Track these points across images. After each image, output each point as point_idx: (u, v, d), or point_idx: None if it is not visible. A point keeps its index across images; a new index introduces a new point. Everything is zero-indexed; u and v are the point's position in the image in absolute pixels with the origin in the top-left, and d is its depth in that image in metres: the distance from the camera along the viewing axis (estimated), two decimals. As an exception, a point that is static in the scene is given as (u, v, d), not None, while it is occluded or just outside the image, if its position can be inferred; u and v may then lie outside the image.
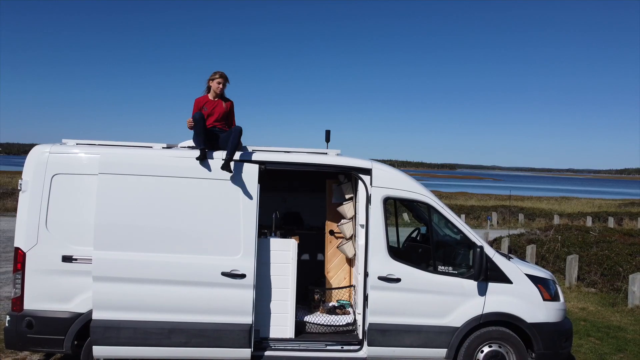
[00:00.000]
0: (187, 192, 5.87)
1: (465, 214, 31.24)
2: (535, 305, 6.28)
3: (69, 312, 5.83)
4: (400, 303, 6.09)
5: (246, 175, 5.96)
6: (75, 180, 5.92)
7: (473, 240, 6.27)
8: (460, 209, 32.96)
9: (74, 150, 6.04)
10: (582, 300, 11.84)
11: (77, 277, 5.80)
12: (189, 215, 5.85)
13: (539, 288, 6.34)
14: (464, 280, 6.19)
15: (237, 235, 5.88)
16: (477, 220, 30.75)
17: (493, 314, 6.18)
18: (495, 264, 6.29)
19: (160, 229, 5.81)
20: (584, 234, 17.64)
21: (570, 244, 15.73)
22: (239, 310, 5.85)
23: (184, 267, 5.80)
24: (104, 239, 5.71)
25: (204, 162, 5.93)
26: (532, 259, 14.71)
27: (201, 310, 5.83)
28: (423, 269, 6.23)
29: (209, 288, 5.82)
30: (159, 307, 5.79)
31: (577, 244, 15.65)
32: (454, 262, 6.45)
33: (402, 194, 6.31)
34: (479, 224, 29.01)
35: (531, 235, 18.30)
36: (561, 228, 19.75)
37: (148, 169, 5.84)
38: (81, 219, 5.86)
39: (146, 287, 5.76)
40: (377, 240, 6.12)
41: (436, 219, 6.51)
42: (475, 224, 28.73)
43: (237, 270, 5.82)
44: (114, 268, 5.71)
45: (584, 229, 20.08)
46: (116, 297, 5.72)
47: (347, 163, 6.34)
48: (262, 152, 6.34)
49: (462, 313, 6.16)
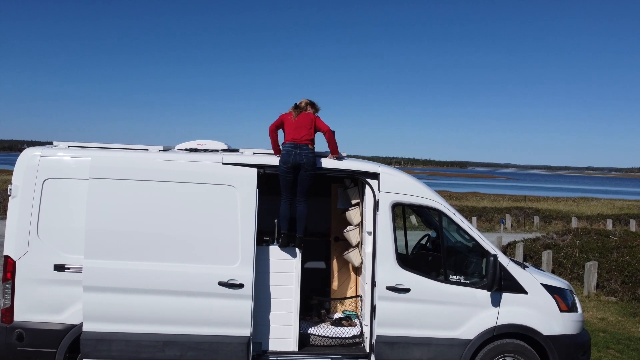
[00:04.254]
0: (182, 197, 5.93)
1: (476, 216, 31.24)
2: (552, 316, 6.36)
3: (61, 323, 5.90)
4: (410, 314, 6.17)
5: (244, 179, 6.02)
6: (67, 184, 5.99)
7: (486, 249, 6.34)
8: (472, 211, 32.96)
9: (66, 153, 6.11)
10: (601, 310, 11.89)
11: (70, 286, 5.87)
12: (184, 221, 5.92)
13: (555, 299, 6.42)
14: (476, 291, 6.26)
15: (234, 243, 5.95)
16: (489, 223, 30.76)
17: (507, 325, 6.25)
18: (510, 273, 6.36)
19: (154, 236, 5.88)
20: (603, 239, 17.62)
21: (589, 249, 15.73)
22: (237, 322, 5.92)
23: (179, 277, 5.86)
24: (95, 247, 5.77)
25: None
26: (548, 266, 14.76)
27: (197, 321, 5.90)
28: (433, 278, 6.31)
29: (205, 298, 5.88)
30: (153, 318, 5.86)
31: (596, 249, 15.66)
32: (466, 271, 6.52)
33: (412, 199, 6.38)
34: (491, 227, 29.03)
35: (547, 240, 18.31)
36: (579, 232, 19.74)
37: (141, 173, 5.90)
38: (74, 226, 5.93)
39: (139, 298, 5.82)
40: (385, 248, 6.20)
41: (447, 226, 6.59)
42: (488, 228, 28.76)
43: (234, 279, 5.89)
44: (105, 277, 5.77)
45: (604, 232, 20.07)
46: (108, 308, 5.78)
47: (353, 167, 6.41)
48: (262, 155, 6.42)
49: (475, 325, 6.23)
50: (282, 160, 6.25)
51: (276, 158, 6.33)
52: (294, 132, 6.33)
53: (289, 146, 6.27)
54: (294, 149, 6.24)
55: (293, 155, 6.21)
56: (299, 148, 6.25)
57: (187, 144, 6.65)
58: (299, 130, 6.33)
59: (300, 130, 6.33)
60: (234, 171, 6.05)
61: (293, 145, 6.26)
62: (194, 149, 6.59)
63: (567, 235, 18.58)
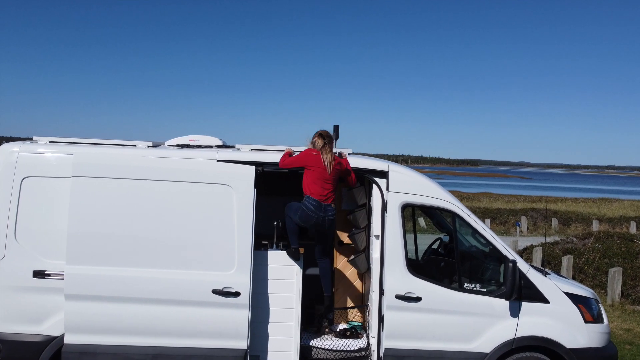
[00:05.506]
0: (173, 197, 5.89)
1: (490, 218, 31.25)
2: (576, 328, 6.31)
3: (41, 335, 5.86)
4: (421, 325, 6.13)
5: (241, 178, 5.97)
6: (48, 183, 5.95)
7: (504, 254, 6.29)
8: (484, 213, 32.96)
9: (47, 149, 6.06)
10: (626, 320, 11.85)
11: (51, 294, 5.82)
12: (175, 224, 5.88)
13: (579, 308, 6.37)
14: (493, 300, 6.21)
15: (230, 247, 5.91)
16: (503, 225, 30.77)
17: (527, 338, 6.21)
18: (530, 280, 6.31)
19: (142, 240, 5.84)
20: (627, 243, 17.60)
21: (612, 255, 15.73)
22: (233, 334, 5.88)
23: (170, 284, 5.82)
24: (78, 252, 5.74)
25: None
26: (568, 272, 14.70)
27: (189, 333, 5.87)
28: (446, 286, 6.28)
29: (198, 308, 5.85)
30: (141, 329, 5.82)
31: (620, 255, 15.65)
32: (482, 278, 6.49)
33: (423, 200, 6.32)
34: (506, 230, 29.03)
35: (567, 244, 18.29)
36: (601, 235, 19.71)
37: (128, 171, 5.86)
38: (56, 229, 5.88)
39: (126, 307, 5.79)
40: (394, 253, 6.15)
41: (462, 229, 6.54)
42: (502, 231, 28.75)
43: (230, 287, 5.85)
44: (89, 285, 5.73)
45: (628, 236, 20.04)
46: (92, 318, 5.75)
47: (359, 165, 6.37)
48: (260, 151, 6.36)
49: (492, 337, 6.19)
50: (302, 217, 6.20)
51: (277, 155, 6.25)
52: (321, 187, 6.18)
53: (313, 204, 6.16)
54: (318, 211, 6.18)
55: (316, 217, 6.19)
56: (323, 210, 6.20)
57: (179, 140, 6.63)
58: (326, 185, 6.20)
59: (327, 184, 6.21)
60: (230, 169, 6.00)
61: (317, 205, 6.17)
62: (185, 145, 6.56)
63: (588, 239, 18.55)
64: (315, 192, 6.19)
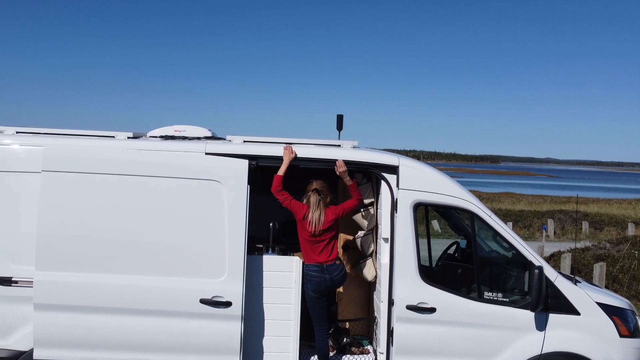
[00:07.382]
0: (156, 195, 5.90)
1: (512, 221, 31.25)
2: (610, 342, 6.30)
3: (7, 350, 5.89)
4: (435, 339, 6.13)
5: (232, 173, 5.95)
6: (15, 179, 5.96)
7: (530, 259, 6.27)
8: (506, 215, 32.99)
9: (14, 140, 6.08)
10: (666, 334, 11.80)
11: (18, 304, 5.84)
12: (159, 225, 5.88)
13: (614, 321, 6.37)
14: (517, 311, 6.21)
15: (220, 252, 5.91)
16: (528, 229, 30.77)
17: (555, 354, 6.21)
18: (558, 289, 6.31)
19: (121, 243, 5.84)
20: (667, 249, 17.61)
21: (650, 262, 15.73)
22: (224, 348, 5.89)
23: (152, 293, 5.83)
24: (49, 256, 5.74)
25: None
26: (601, 281, 14.68)
27: (174, 347, 5.88)
28: (464, 295, 6.29)
29: (184, 319, 5.86)
30: (120, 343, 5.84)
31: (659, 262, 15.65)
32: (505, 286, 6.49)
33: (438, 198, 6.30)
34: (530, 235, 29.03)
35: (599, 250, 18.33)
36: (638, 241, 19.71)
37: (106, 166, 5.86)
38: (23, 231, 5.90)
39: (103, 318, 5.80)
40: (406, 259, 6.14)
41: (482, 231, 6.53)
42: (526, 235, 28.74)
43: (220, 296, 5.85)
44: (62, 293, 5.74)
45: (668, 241, 20.05)
46: (64, 330, 5.76)
47: (366, 159, 6.34)
48: (254, 144, 6.34)
49: (515, 353, 6.19)
50: (312, 288, 6.29)
51: (273, 148, 6.24)
52: (310, 250, 6.30)
53: (315, 271, 6.27)
54: (322, 275, 6.28)
55: (324, 282, 6.27)
56: (327, 272, 6.28)
57: (162, 130, 6.66)
58: (317, 246, 6.28)
59: (319, 244, 6.28)
60: (220, 163, 6.00)
61: (320, 270, 6.28)
62: (170, 136, 6.59)
63: (623, 245, 18.58)
64: (309, 258, 6.34)
